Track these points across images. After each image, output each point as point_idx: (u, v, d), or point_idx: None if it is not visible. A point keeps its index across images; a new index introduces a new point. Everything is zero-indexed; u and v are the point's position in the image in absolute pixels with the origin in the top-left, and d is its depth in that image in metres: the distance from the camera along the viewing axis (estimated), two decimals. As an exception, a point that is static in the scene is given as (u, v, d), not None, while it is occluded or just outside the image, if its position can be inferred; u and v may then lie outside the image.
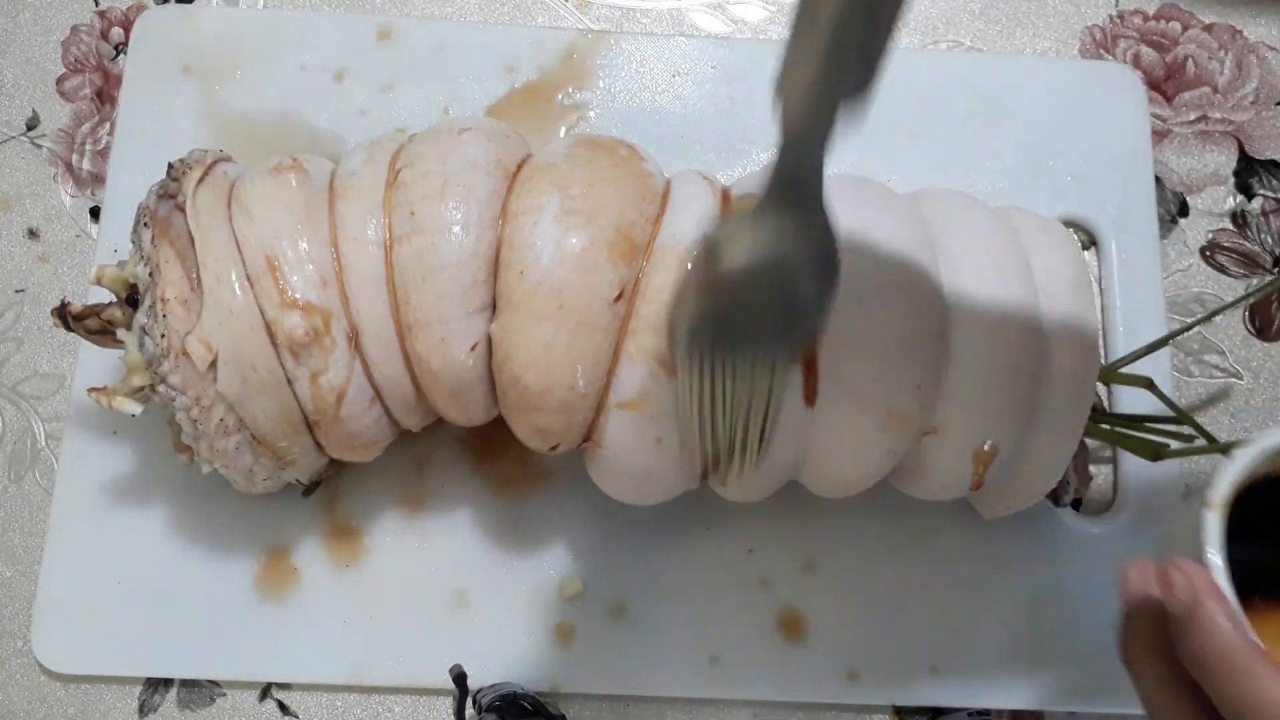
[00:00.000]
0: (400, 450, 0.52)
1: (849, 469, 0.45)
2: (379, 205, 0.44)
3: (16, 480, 0.55)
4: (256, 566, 0.52)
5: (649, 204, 0.44)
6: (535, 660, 0.51)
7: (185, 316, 0.43)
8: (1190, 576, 0.32)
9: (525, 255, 0.42)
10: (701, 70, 0.60)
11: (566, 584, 0.52)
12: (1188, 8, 0.63)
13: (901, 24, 0.30)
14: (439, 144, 0.45)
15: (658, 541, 0.53)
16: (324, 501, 0.53)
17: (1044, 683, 0.52)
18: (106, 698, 0.52)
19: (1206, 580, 0.32)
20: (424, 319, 0.43)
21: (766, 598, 0.53)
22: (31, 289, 0.57)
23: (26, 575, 0.53)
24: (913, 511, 0.52)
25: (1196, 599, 0.31)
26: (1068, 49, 0.62)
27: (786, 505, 0.52)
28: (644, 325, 0.43)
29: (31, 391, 0.56)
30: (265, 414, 0.44)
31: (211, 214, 0.44)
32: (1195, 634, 0.31)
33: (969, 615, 0.52)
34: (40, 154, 0.59)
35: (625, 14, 0.62)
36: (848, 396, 0.42)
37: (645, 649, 0.52)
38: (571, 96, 0.59)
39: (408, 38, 0.60)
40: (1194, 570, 0.32)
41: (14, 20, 0.61)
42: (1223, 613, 0.31)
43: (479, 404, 0.46)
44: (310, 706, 0.52)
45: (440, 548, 0.53)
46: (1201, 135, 0.61)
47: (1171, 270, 0.59)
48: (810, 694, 0.51)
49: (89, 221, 0.58)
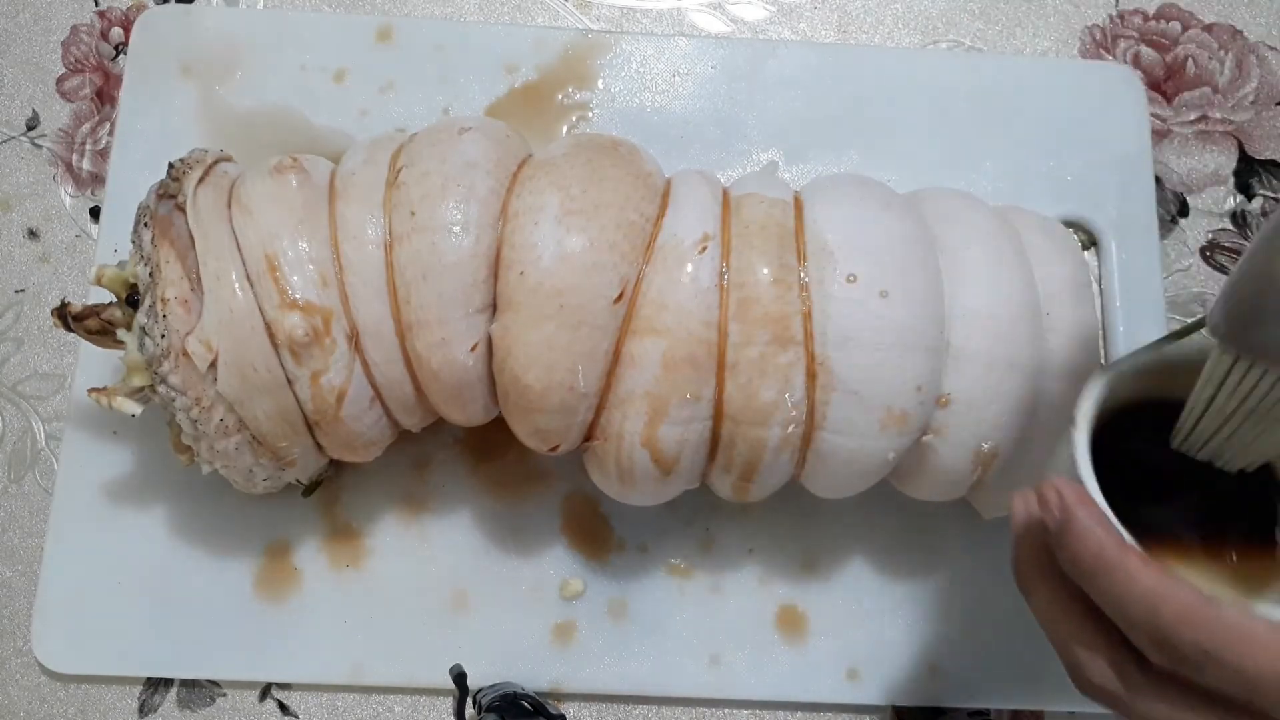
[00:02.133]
0: (400, 450, 0.52)
1: (848, 469, 0.45)
2: (379, 205, 0.44)
3: (16, 480, 0.55)
4: (256, 567, 0.52)
5: (649, 203, 0.44)
6: (535, 660, 0.51)
7: (185, 316, 0.43)
8: (1062, 490, 0.33)
9: (526, 255, 0.42)
10: (701, 70, 0.60)
11: (566, 584, 0.52)
12: (1188, 8, 0.63)
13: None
14: (439, 144, 0.45)
15: (658, 541, 0.53)
16: (324, 501, 0.53)
17: (1044, 683, 0.52)
18: (106, 698, 0.52)
19: (1077, 491, 0.33)
20: (424, 319, 0.43)
21: (766, 598, 0.53)
22: (31, 289, 0.57)
23: (26, 575, 0.53)
24: (913, 511, 0.52)
25: (1068, 509, 0.33)
26: (1068, 49, 0.62)
27: (786, 505, 0.52)
28: (644, 325, 0.43)
29: (31, 391, 0.56)
30: (265, 414, 0.44)
31: (212, 214, 0.44)
32: (1070, 541, 0.33)
33: (969, 615, 0.52)
34: (40, 154, 0.59)
35: (625, 14, 0.62)
36: (847, 396, 0.42)
37: (645, 649, 0.52)
38: (571, 96, 0.59)
39: (408, 38, 0.60)
40: (1065, 485, 0.34)
41: (14, 20, 0.61)
42: (1092, 517, 0.33)
43: (479, 404, 0.46)
44: (310, 706, 0.52)
45: (440, 548, 0.53)
46: (1201, 135, 0.61)
47: (1171, 270, 0.59)
48: (810, 694, 0.51)
49: (89, 221, 0.58)
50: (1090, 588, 0.33)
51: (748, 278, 0.43)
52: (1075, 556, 0.33)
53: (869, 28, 0.62)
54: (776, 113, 0.59)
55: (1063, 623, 0.34)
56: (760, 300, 0.42)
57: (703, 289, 0.43)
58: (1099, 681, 0.33)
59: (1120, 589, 0.31)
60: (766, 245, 0.43)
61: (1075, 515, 0.33)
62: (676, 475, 0.45)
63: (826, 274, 0.43)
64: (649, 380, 0.43)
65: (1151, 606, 0.31)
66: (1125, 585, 0.31)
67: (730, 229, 0.44)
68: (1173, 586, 0.31)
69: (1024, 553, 0.36)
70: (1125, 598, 0.31)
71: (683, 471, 0.45)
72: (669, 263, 0.43)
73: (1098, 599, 0.33)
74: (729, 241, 0.44)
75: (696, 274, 0.43)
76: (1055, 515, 0.33)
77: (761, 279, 0.43)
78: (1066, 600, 0.34)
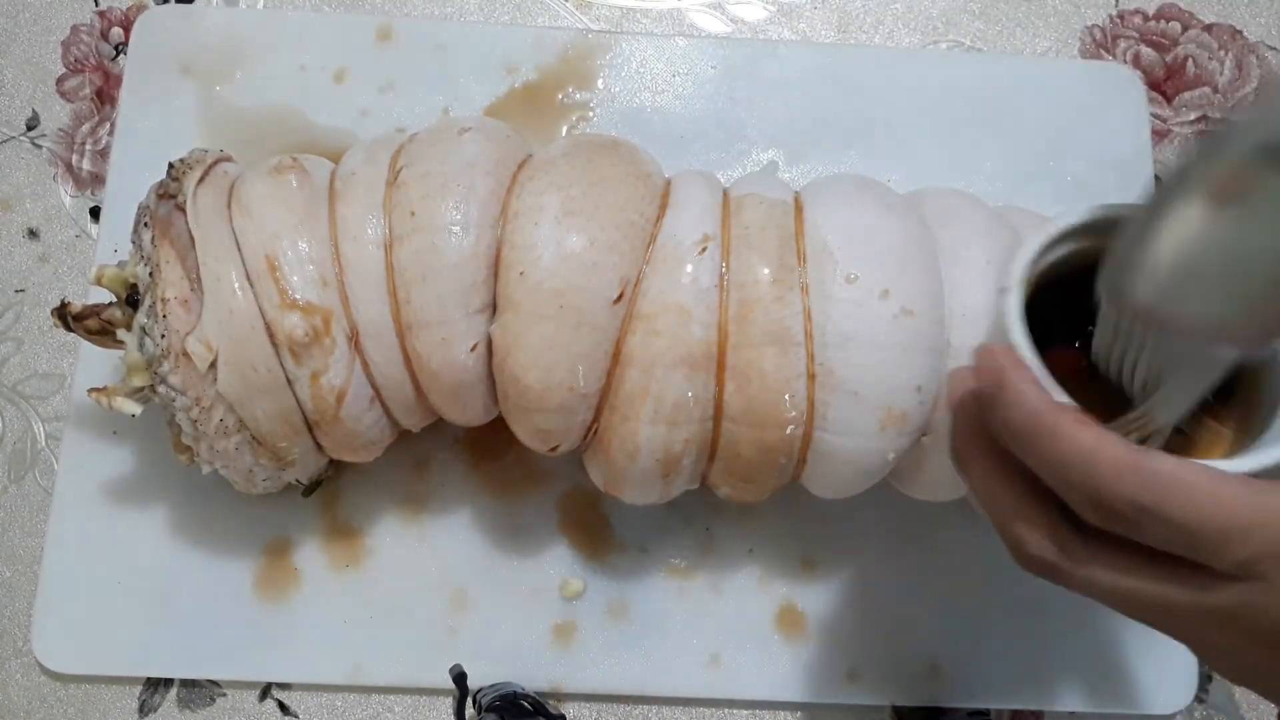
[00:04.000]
0: (400, 450, 0.52)
1: (848, 470, 0.45)
2: (379, 205, 0.44)
3: (16, 480, 0.55)
4: (256, 566, 0.52)
5: (649, 204, 0.44)
6: (535, 660, 0.51)
7: (185, 317, 0.43)
8: (995, 355, 0.32)
9: (525, 255, 0.42)
10: (701, 70, 0.60)
11: (566, 584, 0.52)
12: (1188, 8, 0.63)
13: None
14: (439, 144, 0.45)
15: (658, 541, 0.53)
16: (324, 501, 0.53)
17: (1044, 683, 0.52)
18: (106, 698, 0.52)
19: (1010, 356, 0.33)
20: (424, 319, 0.43)
21: (766, 597, 0.53)
22: (31, 289, 0.57)
23: (26, 575, 0.53)
24: (913, 511, 0.52)
25: (1001, 373, 0.32)
26: (1068, 49, 0.62)
27: (786, 505, 0.52)
28: (644, 326, 0.43)
29: (31, 391, 0.56)
30: (265, 414, 0.44)
31: (212, 214, 0.44)
32: (1004, 406, 0.32)
33: (969, 615, 0.53)
34: (40, 154, 0.59)
35: (625, 14, 0.62)
36: (847, 397, 0.42)
37: (645, 649, 0.52)
38: (571, 96, 0.59)
39: (408, 38, 0.60)
40: (998, 349, 0.33)
41: (14, 20, 0.61)
42: (1026, 380, 0.32)
43: (479, 404, 0.46)
44: (310, 706, 0.52)
45: (440, 548, 0.53)
46: (1201, 135, 0.61)
47: (1171, 270, 0.59)
48: (810, 694, 0.51)
49: (89, 221, 0.58)
50: (1025, 453, 0.31)
51: (748, 278, 0.43)
52: (1009, 421, 0.31)
53: (869, 28, 0.62)
54: (776, 113, 0.59)
55: (1000, 496, 0.33)
56: (760, 301, 0.42)
57: (703, 290, 0.43)
58: (1038, 553, 0.32)
59: (1055, 450, 0.30)
60: (766, 246, 0.43)
61: (1008, 378, 0.32)
62: (676, 476, 0.45)
63: (827, 275, 0.43)
64: (649, 381, 0.43)
65: (1087, 465, 0.30)
66: (1060, 446, 0.30)
67: (730, 230, 0.44)
68: (1107, 442, 0.30)
69: (960, 426, 0.35)
70: (1060, 459, 0.30)
71: (683, 472, 0.45)
72: (669, 263, 0.43)
73: (1034, 464, 0.31)
74: (729, 242, 0.44)
75: (696, 275, 0.43)
76: (990, 380, 0.32)
77: (762, 280, 0.43)
78: (1003, 473, 0.33)
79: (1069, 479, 0.30)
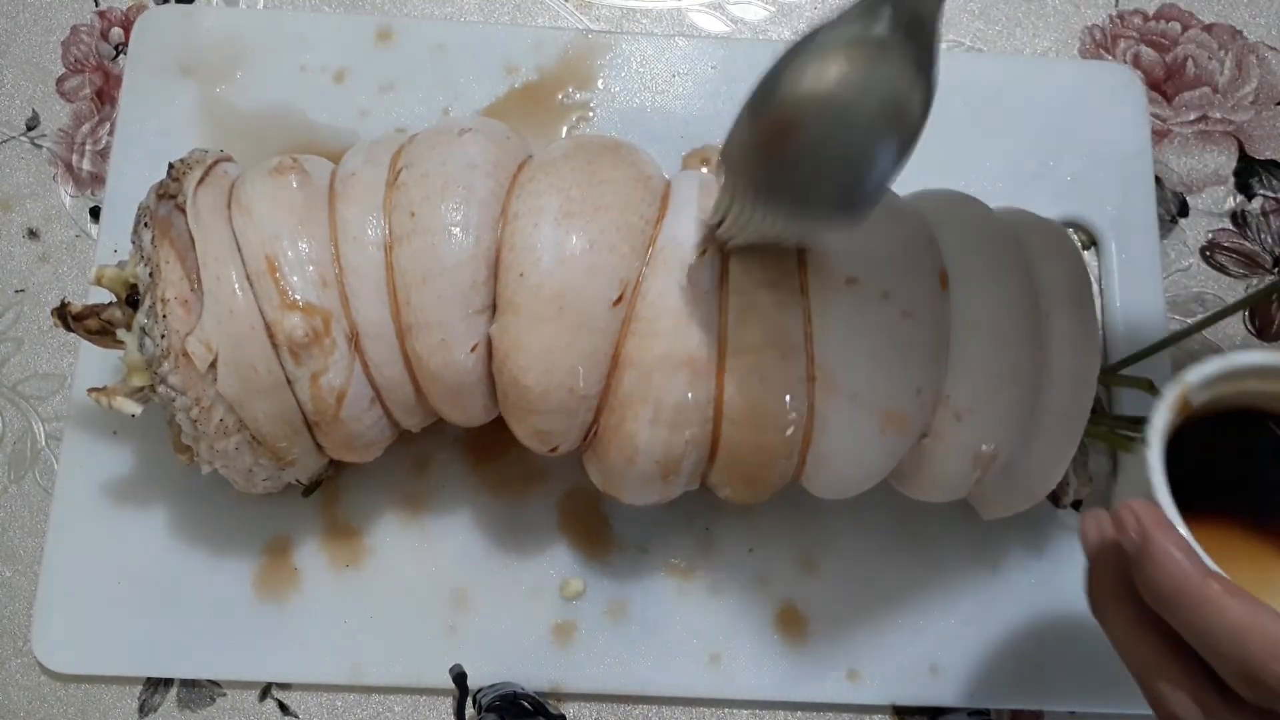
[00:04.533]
0: (400, 450, 0.52)
1: (848, 471, 0.45)
2: (379, 206, 0.44)
3: (16, 480, 0.55)
4: (256, 566, 0.52)
5: (649, 205, 0.44)
6: (535, 660, 0.51)
7: (185, 317, 0.43)
8: (1139, 514, 0.32)
9: (525, 257, 0.42)
10: (701, 70, 0.60)
11: (566, 584, 0.52)
12: (1188, 8, 0.63)
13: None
14: (439, 145, 0.45)
15: (658, 541, 0.53)
16: (324, 501, 0.53)
17: (1044, 683, 0.52)
18: (106, 698, 0.52)
19: (1155, 515, 0.32)
20: (424, 320, 0.43)
21: (766, 597, 0.53)
22: (31, 289, 0.57)
23: (26, 575, 0.53)
24: (913, 512, 0.52)
25: (1147, 534, 0.31)
26: (1068, 49, 0.62)
27: (786, 505, 0.52)
28: (644, 328, 0.43)
29: (31, 391, 0.56)
30: (265, 414, 0.44)
31: (212, 214, 0.44)
32: (1150, 569, 0.31)
33: (969, 615, 0.53)
34: (40, 154, 0.59)
35: (625, 14, 0.62)
36: (847, 399, 0.42)
37: (645, 649, 0.52)
38: (571, 96, 0.59)
39: (408, 38, 0.60)
40: (1142, 507, 0.32)
41: (14, 20, 0.61)
42: (1173, 543, 0.31)
43: (479, 405, 0.46)
44: (310, 706, 0.52)
45: (440, 548, 0.53)
46: (1201, 135, 0.61)
47: (1171, 270, 0.59)
48: (810, 694, 0.51)
49: (89, 221, 0.58)
50: (1173, 618, 0.31)
51: (747, 281, 0.43)
52: (1155, 584, 0.31)
53: (869, 28, 0.62)
54: (776, 113, 0.59)
55: (1141, 650, 0.33)
56: (760, 304, 0.42)
57: (702, 292, 0.43)
58: (1180, 714, 0.32)
59: (1204, 621, 0.30)
60: (766, 248, 0.43)
61: (1154, 540, 0.31)
62: (676, 478, 0.45)
63: (826, 277, 0.43)
64: (649, 382, 0.43)
65: (1238, 640, 0.29)
66: (1209, 617, 0.30)
67: (730, 230, 0.44)
68: (1260, 618, 0.29)
69: (1100, 578, 0.34)
70: (1210, 630, 0.30)
71: (682, 474, 0.45)
72: (669, 265, 0.43)
73: (1180, 629, 0.31)
74: (729, 243, 0.44)
75: (696, 277, 0.43)
76: (1133, 539, 0.32)
77: (761, 283, 0.43)
78: (1144, 627, 0.33)
79: (1218, 650, 0.30)
